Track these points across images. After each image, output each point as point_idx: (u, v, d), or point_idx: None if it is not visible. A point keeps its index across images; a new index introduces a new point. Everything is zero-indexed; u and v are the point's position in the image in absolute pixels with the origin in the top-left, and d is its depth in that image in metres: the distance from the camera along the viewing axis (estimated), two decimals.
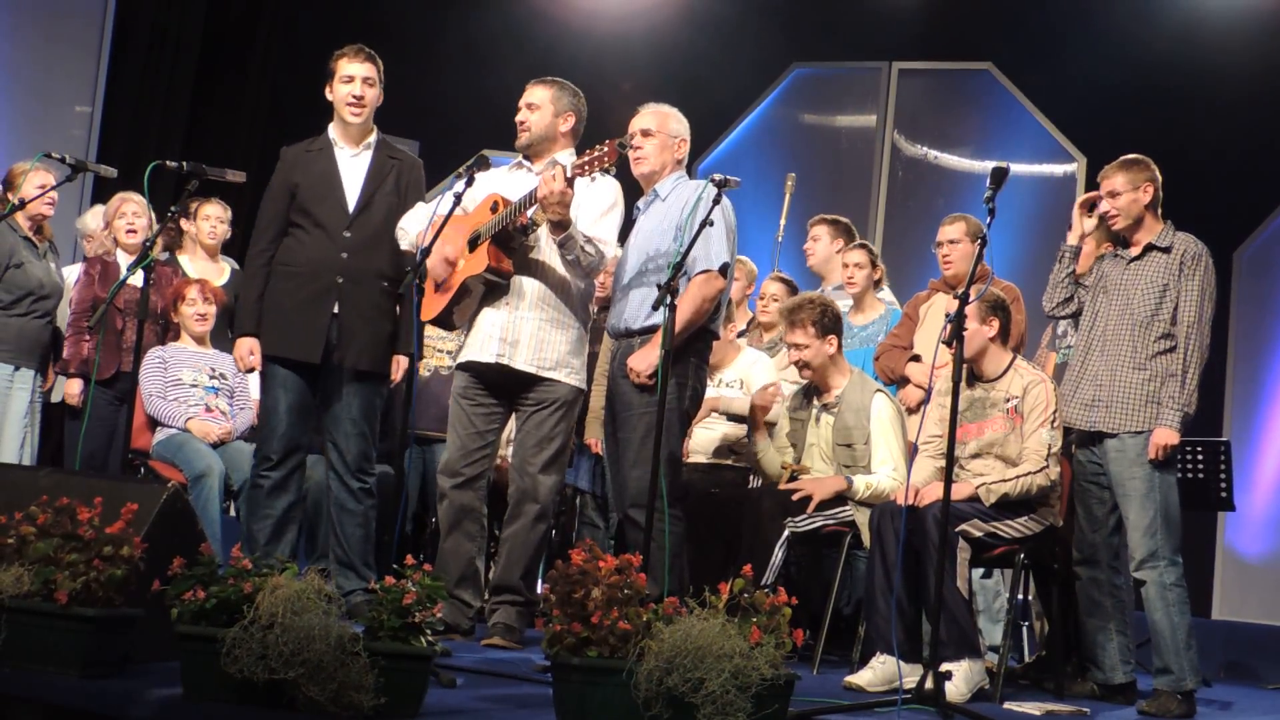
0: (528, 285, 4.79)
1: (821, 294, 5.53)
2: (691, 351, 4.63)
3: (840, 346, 5.24)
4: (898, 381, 5.68)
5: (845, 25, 9.43)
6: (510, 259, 4.73)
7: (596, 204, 4.82)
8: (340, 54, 5.06)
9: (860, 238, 6.66)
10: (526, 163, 4.97)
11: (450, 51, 9.43)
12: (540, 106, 4.92)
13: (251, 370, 5.12)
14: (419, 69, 8.47)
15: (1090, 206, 4.93)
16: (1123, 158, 4.90)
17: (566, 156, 4.86)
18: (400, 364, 5.07)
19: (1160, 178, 4.85)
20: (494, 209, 4.70)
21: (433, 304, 4.86)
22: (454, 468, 4.85)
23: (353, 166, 5.05)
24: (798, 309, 5.20)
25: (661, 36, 9.43)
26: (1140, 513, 4.67)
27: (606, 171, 4.50)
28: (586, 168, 4.43)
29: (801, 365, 5.22)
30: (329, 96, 5.09)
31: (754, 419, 5.38)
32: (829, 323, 5.17)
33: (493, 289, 4.79)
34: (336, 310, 4.95)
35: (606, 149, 4.39)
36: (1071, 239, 5.01)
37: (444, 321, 4.92)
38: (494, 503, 5.17)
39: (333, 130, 5.10)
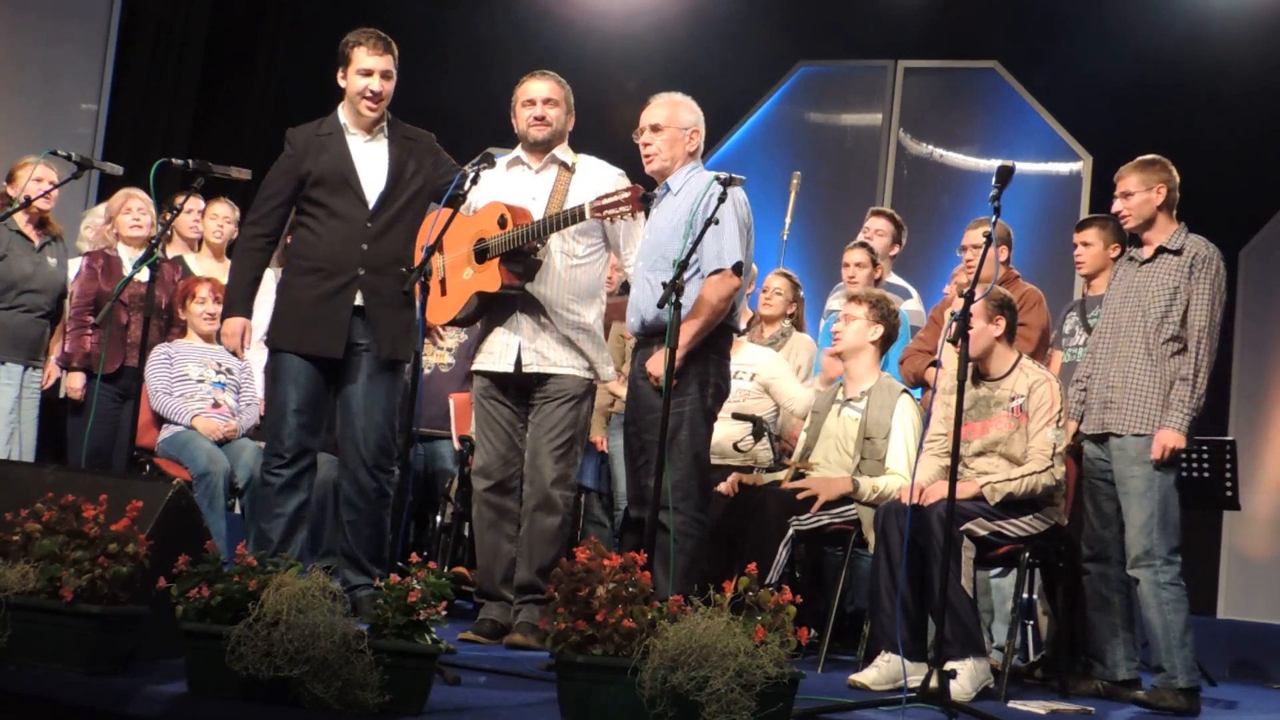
0: (540, 294, 4.79)
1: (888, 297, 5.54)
2: (712, 349, 4.59)
3: (882, 348, 5.30)
4: (920, 385, 5.68)
5: (851, 24, 9.43)
6: (520, 275, 4.73)
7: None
8: (356, 41, 4.88)
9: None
10: (524, 157, 4.95)
11: (455, 49, 9.43)
12: (560, 103, 4.90)
13: (234, 353, 4.98)
14: (423, 66, 8.44)
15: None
16: (1140, 158, 4.90)
17: (563, 153, 4.90)
18: None
19: (1177, 179, 4.86)
20: (501, 223, 4.65)
21: (442, 308, 4.83)
22: (488, 470, 4.85)
23: (369, 153, 4.91)
24: (866, 293, 5.33)
25: (667, 35, 9.42)
26: (1138, 511, 4.69)
27: (626, 217, 4.45)
28: (605, 210, 4.40)
29: (838, 334, 5.27)
30: (341, 83, 4.92)
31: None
32: (884, 315, 5.24)
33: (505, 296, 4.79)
34: (360, 302, 4.82)
35: (628, 195, 4.34)
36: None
37: (458, 324, 4.93)
38: None
39: (343, 114, 4.93)
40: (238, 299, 4.93)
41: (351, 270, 4.81)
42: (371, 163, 4.91)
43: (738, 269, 4.53)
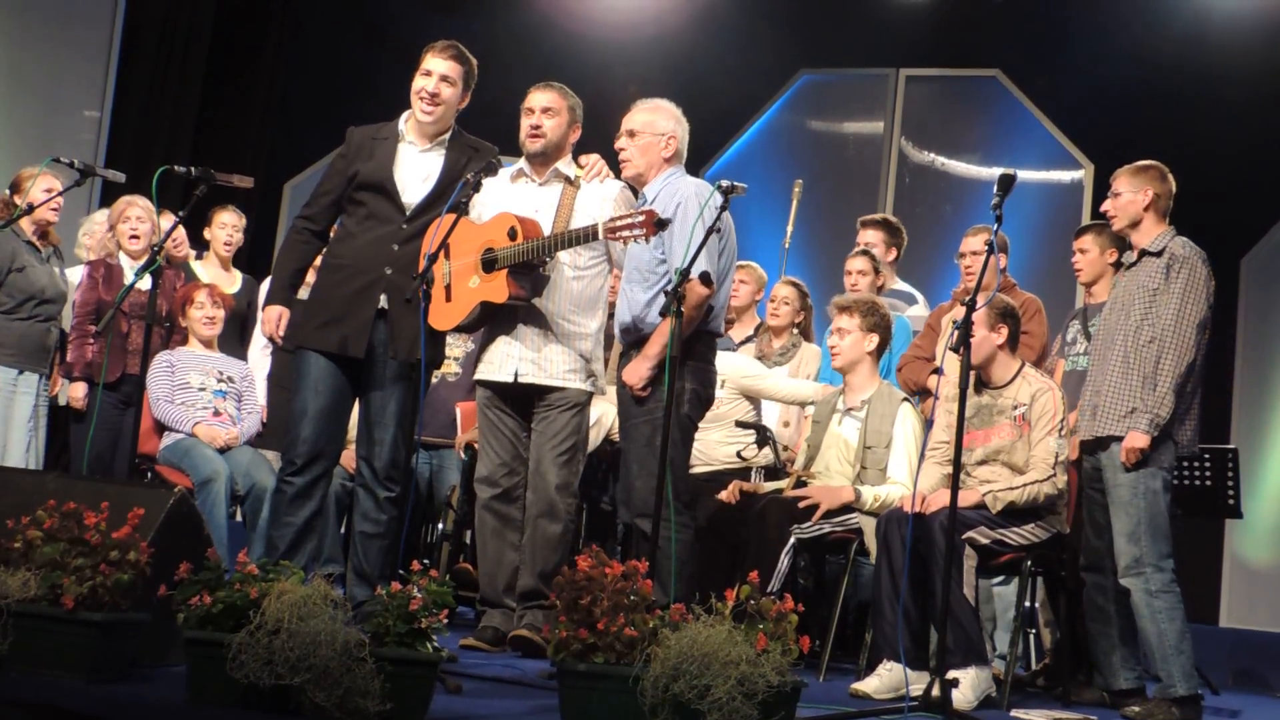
0: (542, 304, 4.79)
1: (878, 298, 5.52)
2: (688, 355, 4.58)
3: (879, 355, 5.28)
4: (920, 393, 5.67)
5: (853, 32, 9.43)
6: (527, 289, 4.73)
7: (606, 211, 4.79)
8: (428, 47, 4.89)
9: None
10: (526, 169, 4.94)
11: None
12: (559, 114, 4.89)
13: (273, 342, 4.89)
14: None
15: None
16: (1137, 163, 4.90)
17: (566, 166, 4.91)
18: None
19: (1171, 187, 4.85)
20: (511, 234, 4.63)
21: (446, 314, 4.81)
22: (493, 478, 4.85)
23: (420, 162, 4.81)
24: (853, 301, 5.28)
25: (670, 42, 9.43)
26: (1124, 519, 4.64)
27: (639, 238, 4.38)
28: (619, 233, 4.36)
29: (835, 350, 5.26)
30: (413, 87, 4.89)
31: None
32: (876, 322, 5.20)
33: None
34: (383, 304, 4.73)
35: (642, 219, 4.28)
36: None
37: (462, 330, 4.93)
38: None
39: (405, 121, 4.87)
40: (278, 288, 4.88)
41: (378, 270, 4.72)
42: (419, 171, 4.80)
43: (705, 278, 4.48)
